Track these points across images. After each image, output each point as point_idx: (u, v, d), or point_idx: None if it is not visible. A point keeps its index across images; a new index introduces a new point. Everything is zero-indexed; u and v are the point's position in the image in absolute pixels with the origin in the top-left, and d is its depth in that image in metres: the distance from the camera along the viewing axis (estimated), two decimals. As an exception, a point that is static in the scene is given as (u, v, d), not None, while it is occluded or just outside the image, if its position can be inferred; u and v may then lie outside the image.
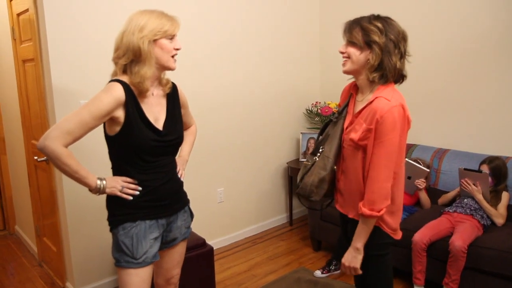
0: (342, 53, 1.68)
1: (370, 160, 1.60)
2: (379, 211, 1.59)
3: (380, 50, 1.57)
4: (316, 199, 1.77)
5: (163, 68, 1.71)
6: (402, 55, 1.62)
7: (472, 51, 3.15)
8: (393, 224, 1.71)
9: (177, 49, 1.70)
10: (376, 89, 1.64)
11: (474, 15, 3.11)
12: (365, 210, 1.59)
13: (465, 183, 2.78)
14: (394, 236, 1.73)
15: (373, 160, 1.59)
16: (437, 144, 3.40)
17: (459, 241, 2.48)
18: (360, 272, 1.68)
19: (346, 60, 1.66)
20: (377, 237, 1.68)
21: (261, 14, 3.67)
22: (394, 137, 1.56)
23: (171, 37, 1.67)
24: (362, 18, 1.63)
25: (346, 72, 1.70)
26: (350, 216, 1.75)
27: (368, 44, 1.59)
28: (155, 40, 1.63)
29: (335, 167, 1.76)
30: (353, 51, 1.63)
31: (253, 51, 3.66)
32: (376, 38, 1.57)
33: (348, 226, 1.81)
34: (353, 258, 1.67)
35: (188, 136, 2.07)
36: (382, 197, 1.59)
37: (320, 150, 1.77)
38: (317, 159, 1.76)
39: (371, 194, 1.59)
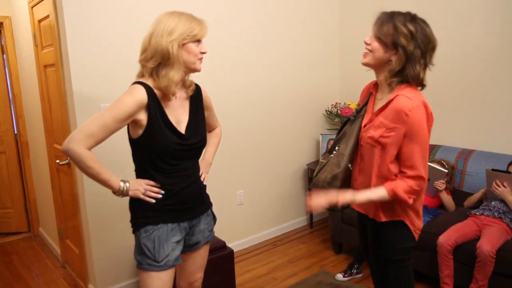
0: (366, 44, 1.61)
1: (404, 159, 1.56)
2: (410, 198, 1.57)
3: (405, 55, 1.52)
4: None
5: (189, 70, 1.70)
6: (427, 65, 1.58)
7: (498, 48, 3.06)
8: (419, 224, 1.68)
9: (203, 53, 1.68)
10: (396, 88, 1.59)
11: (502, 11, 3.02)
12: (400, 191, 1.55)
13: (495, 185, 2.69)
14: (417, 236, 1.69)
15: (410, 160, 1.55)
16: (462, 145, 3.31)
17: (488, 245, 2.40)
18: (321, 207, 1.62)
19: (367, 53, 1.61)
20: (401, 241, 1.64)
21: (281, 15, 3.64)
22: (424, 136, 1.54)
23: (198, 41, 1.66)
24: (398, 14, 1.56)
25: (364, 64, 1.65)
26: (370, 216, 1.71)
27: (394, 45, 1.54)
28: (183, 44, 1.61)
29: (350, 166, 1.73)
30: (378, 47, 1.58)
31: (273, 53, 3.63)
32: (404, 43, 1.51)
33: (367, 229, 1.78)
34: (343, 198, 1.61)
35: (212, 138, 2.06)
36: (415, 193, 1.58)
37: (336, 148, 1.75)
38: (332, 156, 1.74)
39: (407, 185, 1.56)
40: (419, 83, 1.59)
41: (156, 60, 1.60)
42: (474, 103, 3.24)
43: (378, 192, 1.59)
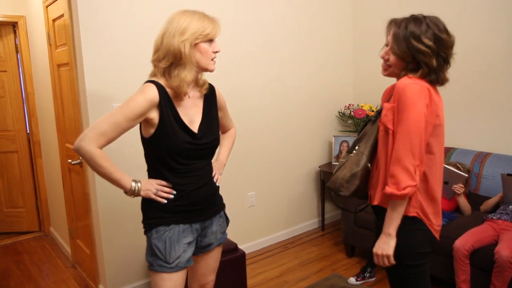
0: (384, 59, 1.61)
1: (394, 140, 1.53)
2: (402, 189, 1.48)
3: (428, 69, 1.51)
4: (345, 194, 1.71)
5: (202, 70, 1.68)
6: (449, 64, 1.56)
7: (516, 49, 3.00)
8: (437, 220, 1.64)
9: (216, 52, 1.66)
10: None
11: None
12: (387, 188, 1.50)
13: None
14: (437, 234, 1.64)
15: (395, 139, 1.52)
16: (478, 148, 3.25)
17: (506, 250, 2.34)
18: (393, 261, 1.58)
19: (387, 68, 1.61)
20: (415, 246, 1.60)
21: (293, 15, 3.62)
22: (414, 114, 1.47)
23: (211, 40, 1.64)
24: (410, 25, 1.52)
25: (387, 76, 1.65)
26: (374, 203, 1.68)
27: (415, 59, 1.51)
28: (195, 44, 1.60)
29: (369, 165, 1.70)
30: (397, 62, 1.57)
31: (285, 53, 3.61)
32: (427, 60, 1.49)
33: (379, 220, 1.74)
34: (385, 244, 1.57)
35: (226, 139, 2.04)
36: (404, 175, 1.48)
37: (356, 148, 1.74)
38: (352, 155, 1.73)
39: (392, 172, 1.51)
40: (444, 83, 1.57)
41: (168, 60, 1.59)
42: (490, 106, 3.18)
43: (389, 210, 1.56)
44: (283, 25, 3.57)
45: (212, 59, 1.66)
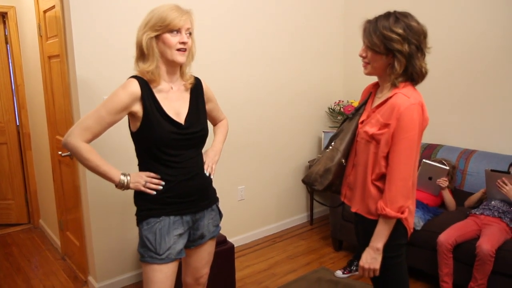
0: (362, 57, 1.66)
1: (389, 158, 1.57)
2: (403, 212, 1.57)
3: (404, 58, 1.55)
4: (319, 188, 1.77)
5: (169, 62, 1.67)
6: (424, 53, 1.60)
7: (502, 49, 3.06)
8: (412, 223, 1.70)
9: (182, 43, 1.63)
10: (396, 87, 1.61)
11: (507, 10, 3.02)
12: (390, 211, 1.56)
13: (501, 183, 2.69)
14: (410, 226, 1.69)
15: (392, 158, 1.56)
16: (464, 145, 3.32)
17: (487, 244, 2.41)
18: (378, 274, 1.64)
19: (366, 64, 1.66)
20: (392, 238, 1.64)
21: (284, 10, 3.64)
22: (413, 135, 1.53)
23: (177, 31, 1.62)
24: (380, 20, 1.58)
25: (368, 74, 1.69)
26: (353, 210, 1.74)
27: (390, 51, 1.56)
28: (158, 36, 1.61)
29: (343, 161, 1.75)
30: (374, 57, 1.61)
31: (276, 49, 3.63)
32: (399, 47, 1.53)
33: (358, 226, 1.80)
34: (372, 259, 1.62)
35: (219, 128, 2.05)
36: (404, 195, 1.56)
37: (332, 143, 1.79)
38: (327, 151, 1.78)
39: (391, 193, 1.56)
40: (423, 76, 1.61)
41: (137, 53, 1.65)
42: (477, 103, 3.25)
43: (381, 226, 1.60)
44: (275, 21, 3.59)
45: (179, 50, 1.63)
